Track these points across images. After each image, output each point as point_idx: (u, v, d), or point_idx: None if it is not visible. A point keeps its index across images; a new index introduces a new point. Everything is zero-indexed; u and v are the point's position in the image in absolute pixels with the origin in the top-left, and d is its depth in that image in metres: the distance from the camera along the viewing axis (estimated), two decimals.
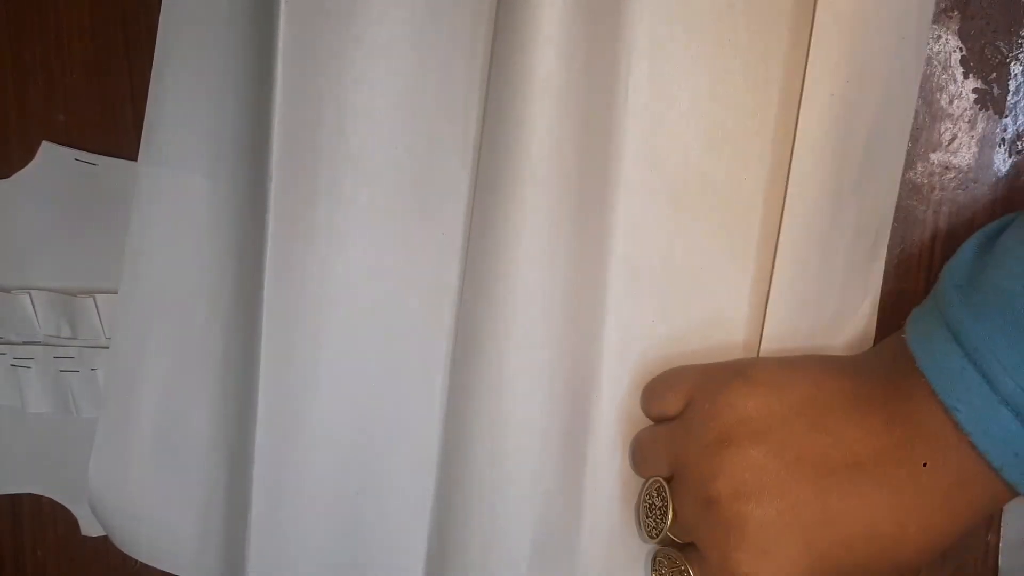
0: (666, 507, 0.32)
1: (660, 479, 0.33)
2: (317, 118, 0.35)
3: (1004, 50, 0.34)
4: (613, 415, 0.36)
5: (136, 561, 0.44)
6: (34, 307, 0.41)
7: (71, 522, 0.44)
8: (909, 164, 0.35)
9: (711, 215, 0.35)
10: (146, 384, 0.40)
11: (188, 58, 0.37)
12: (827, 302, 0.34)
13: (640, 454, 0.35)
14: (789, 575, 0.29)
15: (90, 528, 0.44)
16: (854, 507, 0.29)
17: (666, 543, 0.34)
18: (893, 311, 0.35)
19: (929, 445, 0.28)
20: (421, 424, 0.38)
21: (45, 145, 0.40)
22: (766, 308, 0.34)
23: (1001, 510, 0.37)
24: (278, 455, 0.37)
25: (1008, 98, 0.34)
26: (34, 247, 0.41)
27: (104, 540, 0.44)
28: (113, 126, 0.39)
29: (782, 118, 0.33)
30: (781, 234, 0.33)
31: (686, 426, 0.32)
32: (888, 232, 0.35)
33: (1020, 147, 0.34)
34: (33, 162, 0.40)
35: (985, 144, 0.35)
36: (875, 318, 0.35)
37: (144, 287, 0.39)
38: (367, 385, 0.37)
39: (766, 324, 0.34)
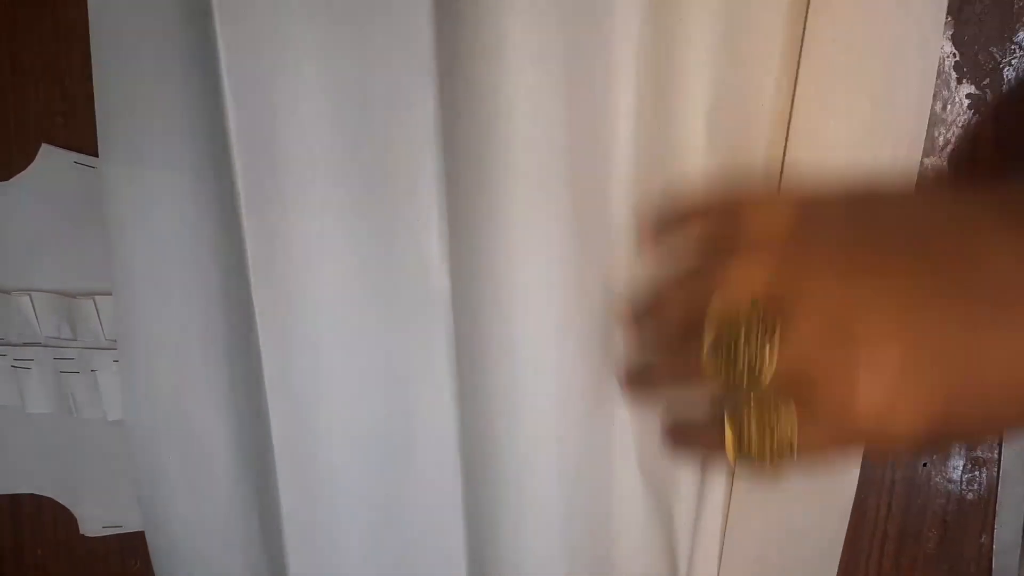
0: (768, 333, 0.27)
1: (757, 302, 0.28)
2: (270, 110, 0.34)
3: (997, 56, 0.34)
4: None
5: (136, 561, 0.44)
6: (34, 308, 0.41)
7: (71, 522, 0.44)
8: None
9: None
10: (158, 381, 0.40)
11: (124, 59, 0.37)
12: None
13: (696, 284, 0.31)
14: (919, 418, 0.25)
15: (90, 528, 0.44)
16: (996, 347, 0.25)
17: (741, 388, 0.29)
18: None
19: None
20: (434, 395, 0.38)
21: (44, 148, 0.40)
22: None
23: (995, 513, 0.38)
24: (298, 437, 0.37)
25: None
26: (34, 249, 0.41)
27: (104, 540, 0.44)
28: None
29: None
30: None
31: (799, 250, 0.28)
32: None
33: None
34: (32, 164, 0.40)
35: None
36: None
37: (132, 283, 0.39)
38: (371, 364, 0.37)
39: None
